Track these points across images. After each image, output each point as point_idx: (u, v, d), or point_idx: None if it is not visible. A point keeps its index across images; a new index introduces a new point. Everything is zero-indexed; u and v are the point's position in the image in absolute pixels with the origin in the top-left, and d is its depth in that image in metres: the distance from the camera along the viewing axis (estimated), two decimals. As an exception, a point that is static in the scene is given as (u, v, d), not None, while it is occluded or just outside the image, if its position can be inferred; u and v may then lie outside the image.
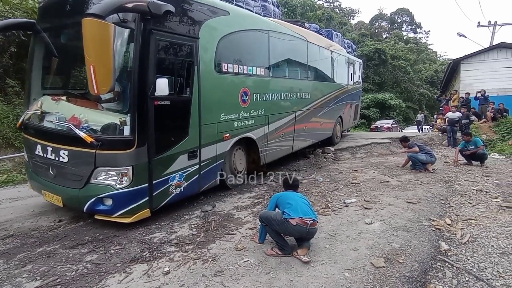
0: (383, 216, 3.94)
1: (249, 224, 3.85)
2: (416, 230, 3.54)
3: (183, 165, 4.15)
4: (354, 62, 11.31)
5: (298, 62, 7.16)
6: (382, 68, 33.67)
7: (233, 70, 4.95)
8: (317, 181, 5.97)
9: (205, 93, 4.34)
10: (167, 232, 3.69)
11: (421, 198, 4.70)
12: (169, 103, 3.80)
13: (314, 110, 7.93)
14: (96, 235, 3.61)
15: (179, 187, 4.14)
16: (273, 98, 6.11)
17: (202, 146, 4.40)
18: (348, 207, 4.35)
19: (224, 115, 4.80)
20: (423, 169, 6.53)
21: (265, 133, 5.95)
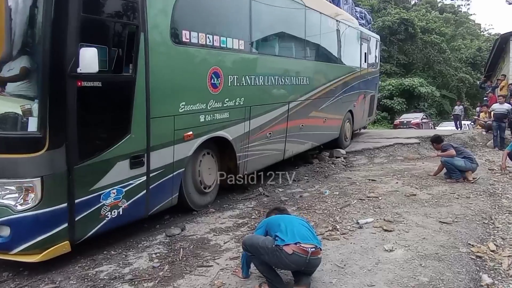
0: (408, 240, 3.98)
1: (230, 252, 3.85)
2: (450, 259, 3.59)
3: (123, 177, 3.85)
4: (368, 38, 11.31)
5: (292, 34, 7.09)
6: (410, 45, 34.21)
7: (198, 41, 4.71)
8: (322, 194, 6.03)
9: (157, 72, 4.08)
10: (118, 264, 3.66)
11: (458, 216, 4.78)
12: (101, 85, 3.51)
13: (315, 102, 7.88)
14: (20, 270, 3.55)
15: (116, 209, 3.82)
16: (257, 83, 5.94)
17: (151, 149, 4.11)
18: (363, 228, 4.39)
19: (184, 105, 4.55)
20: (461, 178, 6.64)
21: (245, 132, 5.78)
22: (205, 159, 5.25)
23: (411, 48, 34.44)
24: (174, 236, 4.34)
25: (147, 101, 3.98)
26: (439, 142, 7.15)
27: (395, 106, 28.84)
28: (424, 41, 34.81)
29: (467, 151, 7.11)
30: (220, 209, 5.41)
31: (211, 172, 5.40)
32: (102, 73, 3.52)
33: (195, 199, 5.13)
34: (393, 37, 33.33)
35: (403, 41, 33.77)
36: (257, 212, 5.23)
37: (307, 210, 5.19)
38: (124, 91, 3.82)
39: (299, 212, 5.10)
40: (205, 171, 5.25)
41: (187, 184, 4.92)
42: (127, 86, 3.82)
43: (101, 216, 3.68)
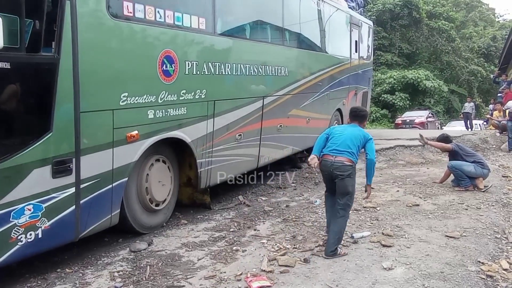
0: (409, 257, 4.08)
1: (205, 270, 3.87)
2: (457, 278, 3.69)
3: (42, 188, 3.46)
4: (360, 24, 11.23)
5: (266, 14, 6.86)
6: (414, 32, 34.63)
7: (145, 16, 4.37)
8: (312, 203, 6.13)
9: (89, 53, 3.74)
10: (74, 284, 3.66)
11: (466, 230, 4.91)
12: (9, 66, 3.15)
13: (295, 97, 7.74)
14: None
15: (33, 230, 3.42)
16: (222, 72, 5.68)
17: (82, 152, 3.74)
18: (358, 244, 4.48)
19: (127, 97, 4.18)
20: (470, 186, 6.81)
21: (208, 133, 5.50)
22: (156, 167, 4.94)
23: (415, 35, 34.81)
24: (140, 252, 4.34)
25: (75, 89, 3.60)
26: (447, 142, 7.31)
27: (397, 103, 29.06)
28: (430, 28, 35.18)
29: (477, 155, 7.29)
30: (194, 221, 5.43)
31: (164, 184, 5.07)
32: (11, 51, 3.20)
33: (141, 218, 4.79)
34: (395, 22, 33.66)
35: (406, 28, 34.13)
36: (237, 224, 5.26)
37: (294, 222, 5.25)
38: (43, 75, 3.52)
39: (285, 225, 5.18)
40: (156, 182, 4.90)
41: (131, 199, 4.59)
42: (46, 69, 3.49)
43: (12, 241, 3.28)
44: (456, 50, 36.45)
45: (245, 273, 3.74)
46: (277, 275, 3.72)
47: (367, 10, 33.11)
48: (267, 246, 4.44)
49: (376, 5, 33.48)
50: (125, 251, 4.39)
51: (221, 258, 4.17)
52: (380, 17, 33.23)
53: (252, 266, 3.91)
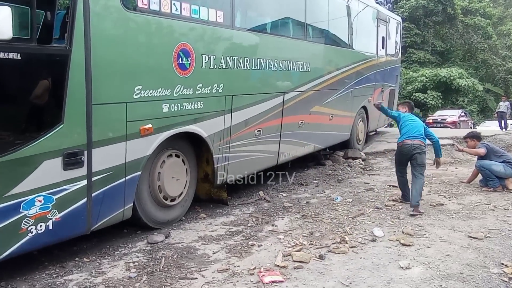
0: (428, 257, 3.99)
1: (219, 264, 3.89)
2: (477, 280, 3.58)
3: (53, 180, 3.41)
4: (387, 20, 11.02)
5: (287, 8, 6.68)
6: (449, 29, 33.91)
7: (160, 8, 4.30)
8: (332, 201, 6.08)
9: (102, 45, 3.68)
10: (91, 273, 3.73)
11: (491, 231, 4.77)
12: (20, 57, 3.10)
13: (318, 94, 7.54)
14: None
15: (44, 222, 3.39)
16: (241, 66, 5.54)
17: (94, 144, 3.69)
18: (376, 241, 4.41)
19: (141, 90, 4.12)
20: (499, 186, 6.62)
21: (226, 128, 5.38)
22: (170, 162, 4.83)
23: (449, 32, 34.08)
24: (157, 244, 4.40)
25: (87, 81, 3.56)
26: (475, 139, 7.14)
27: (429, 101, 28.56)
28: (465, 24, 34.35)
29: (507, 155, 7.05)
30: (213, 215, 5.46)
31: (179, 179, 4.97)
32: (21, 42, 3.22)
33: (153, 213, 4.71)
34: (428, 19, 33.01)
35: (440, 24, 33.45)
36: (255, 219, 5.27)
37: (313, 218, 5.22)
38: (54, 67, 3.46)
39: (304, 221, 5.15)
40: (169, 177, 4.79)
41: (142, 193, 4.51)
42: (58, 60, 3.44)
43: (21, 231, 3.26)
44: (493, 48, 35.49)
45: (258, 268, 3.73)
46: (290, 270, 3.70)
47: (399, 7, 32.68)
48: (283, 241, 4.43)
49: (409, 1, 32.82)
50: (142, 242, 4.45)
51: (236, 252, 4.18)
52: (413, 14, 32.62)
53: (266, 261, 3.91)
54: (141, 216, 4.51)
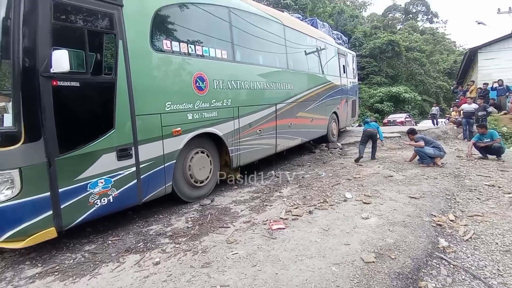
0: (381, 211, 3.85)
1: (244, 218, 3.85)
2: (414, 225, 3.44)
3: (110, 167, 3.34)
4: (345, 54, 10.55)
5: (274, 48, 6.35)
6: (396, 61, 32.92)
7: (180, 50, 4.17)
8: (319, 175, 5.90)
9: (139, 75, 3.59)
10: (164, 224, 3.76)
11: (425, 193, 4.56)
12: (79, 84, 3.07)
13: (300, 104, 7.17)
14: (97, 226, 3.73)
15: (106, 197, 3.30)
16: (242, 86, 5.31)
17: (139, 142, 3.60)
18: (347, 201, 4.27)
19: (171, 105, 3.99)
20: (431, 163, 6.34)
21: (236, 129, 5.14)
22: (198, 157, 4.56)
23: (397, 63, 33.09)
24: (206, 205, 4.40)
25: (130, 100, 3.48)
26: (413, 134, 6.87)
27: (385, 109, 27.93)
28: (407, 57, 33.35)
29: (436, 142, 6.75)
30: (241, 186, 5.42)
31: (204, 168, 4.69)
32: (80, 75, 3.20)
33: (187, 191, 4.46)
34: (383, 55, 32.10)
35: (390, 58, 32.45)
36: (269, 188, 5.19)
37: (306, 187, 5.10)
38: (104, 91, 3.33)
39: (300, 189, 5.03)
40: (197, 167, 4.54)
41: (178, 178, 4.31)
42: (107, 86, 3.33)
43: (89, 204, 3.19)
44: (427, 72, 34.35)
45: (269, 219, 3.69)
46: (290, 221, 3.65)
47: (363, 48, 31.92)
48: (286, 202, 4.35)
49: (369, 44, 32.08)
50: (196, 205, 4.45)
51: (255, 210, 4.13)
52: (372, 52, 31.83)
53: (275, 215, 3.86)
54: (178, 194, 4.32)
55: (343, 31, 28.73)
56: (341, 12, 35.49)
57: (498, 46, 15.21)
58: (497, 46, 15.24)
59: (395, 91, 28.32)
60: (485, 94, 12.50)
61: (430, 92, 33.70)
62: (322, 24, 9.92)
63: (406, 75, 33.94)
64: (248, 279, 2.43)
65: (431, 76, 34.61)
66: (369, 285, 2.35)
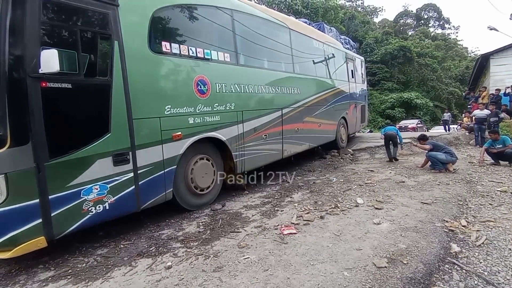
0: (393, 216, 3.80)
1: (255, 222, 3.85)
2: (426, 231, 3.38)
3: (106, 173, 3.15)
4: (354, 59, 10.35)
5: (279, 51, 6.15)
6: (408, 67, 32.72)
7: (180, 52, 3.97)
8: (330, 181, 5.87)
9: (136, 77, 3.39)
10: (175, 229, 3.78)
11: (437, 198, 4.48)
12: (71, 86, 2.88)
13: (308, 109, 6.96)
14: (109, 231, 3.78)
15: (101, 204, 3.13)
16: (247, 90, 5.08)
17: (137, 147, 3.41)
18: (358, 207, 4.23)
19: (170, 108, 3.80)
20: (443, 169, 6.24)
21: (240, 134, 4.92)
22: (200, 163, 4.36)
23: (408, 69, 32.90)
24: (217, 210, 4.41)
25: (127, 103, 3.30)
26: (424, 140, 6.81)
27: (396, 115, 27.67)
28: (419, 63, 33.12)
29: (448, 148, 6.65)
30: (252, 192, 5.42)
31: (207, 175, 4.48)
32: (72, 76, 2.95)
33: (188, 199, 4.27)
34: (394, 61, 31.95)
35: (402, 64, 32.28)
36: (280, 193, 5.17)
37: (317, 192, 5.08)
38: (99, 93, 3.15)
39: (311, 194, 5.00)
40: (199, 174, 4.34)
41: (178, 183, 4.07)
42: (101, 89, 3.15)
43: (83, 211, 3.01)
44: (439, 78, 34.04)
45: (280, 224, 3.68)
46: (301, 226, 3.63)
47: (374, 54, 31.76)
48: (297, 207, 4.33)
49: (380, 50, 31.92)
50: (207, 209, 4.47)
51: (267, 215, 4.13)
52: (384, 58, 31.73)
53: (286, 220, 3.84)
54: (179, 201, 4.14)
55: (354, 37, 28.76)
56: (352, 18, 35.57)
57: (511, 52, 14.93)
58: (509, 51, 14.98)
59: (407, 97, 28.08)
60: (497, 100, 12.28)
61: (442, 98, 33.27)
62: (330, 28, 9.78)
63: (418, 81, 33.64)
64: (260, 283, 2.43)
65: (443, 82, 34.22)
66: (381, 290, 2.32)
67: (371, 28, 39.07)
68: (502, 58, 15.06)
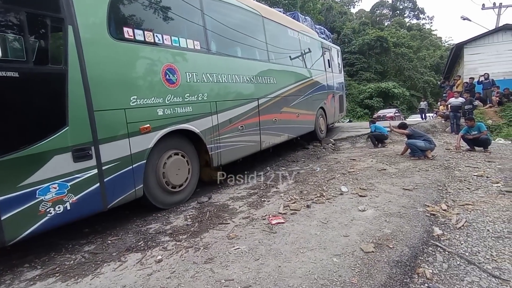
0: (377, 203, 3.93)
1: (243, 214, 3.88)
2: (409, 216, 3.53)
3: (65, 170, 2.89)
4: (329, 48, 10.28)
5: (252, 39, 5.97)
6: (384, 57, 33.42)
7: (144, 38, 3.72)
8: (314, 171, 5.96)
9: (95, 66, 3.15)
10: (162, 223, 3.75)
11: (417, 184, 4.66)
12: (18, 75, 2.61)
13: (285, 99, 6.82)
14: (95, 227, 3.71)
15: (61, 204, 2.87)
16: (220, 80, 4.90)
17: (100, 141, 3.17)
18: (343, 195, 4.34)
19: (136, 99, 3.56)
20: (422, 156, 6.48)
21: (214, 125, 4.75)
22: (173, 159, 4.16)
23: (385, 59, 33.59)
24: (203, 203, 4.40)
25: (86, 94, 3.06)
26: (404, 128, 7.02)
27: (374, 104, 28.28)
28: (396, 53, 33.89)
29: (426, 135, 6.92)
30: (238, 183, 5.44)
31: (182, 172, 4.30)
32: (19, 63, 2.65)
33: (161, 197, 4.06)
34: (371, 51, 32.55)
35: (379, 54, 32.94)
36: (265, 184, 5.22)
37: (302, 182, 5.16)
38: (52, 83, 2.90)
39: (296, 184, 5.08)
40: (173, 170, 4.13)
41: (149, 181, 3.83)
42: (55, 78, 2.90)
43: (40, 213, 2.75)
44: (415, 67, 35.00)
45: (268, 215, 3.72)
46: (288, 215, 3.69)
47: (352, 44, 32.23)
48: (283, 198, 4.40)
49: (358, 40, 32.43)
50: (194, 202, 4.45)
51: (253, 206, 4.16)
52: (361, 48, 32.23)
53: (273, 210, 3.89)
54: (150, 200, 3.93)
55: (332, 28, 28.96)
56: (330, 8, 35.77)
57: (483, 41, 15.60)
58: (482, 41, 15.63)
59: (384, 86, 28.72)
60: (471, 88, 12.82)
61: (418, 87, 34.36)
62: (304, 18, 9.64)
63: (395, 71, 34.50)
64: (252, 273, 2.46)
65: (419, 71, 35.29)
66: (370, 274, 2.41)
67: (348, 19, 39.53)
68: (475, 47, 15.71)
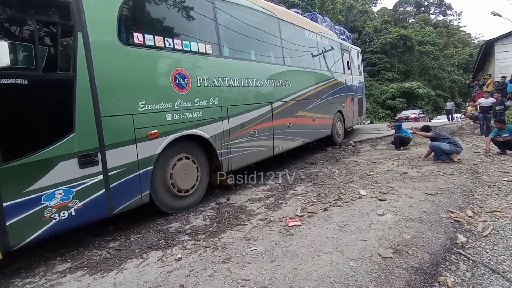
0: (397, 207, 3.85)
1: (260, 215, 3.92)
2: (431, 221, 3.44)
3: (71, 176, 2.91)
4: (349, 49, 10.06)
5: (267, 43, 5.86)
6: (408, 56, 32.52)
7: (154, 43, 3.69)
8: (333, 173, 5.92)
9: (104, 72, 3.16)
10: (182, 222, 3.87)
11: (441, 189, 4.52)
12: (27, 82, 2.65)
13: (300, 103, 6.66)
14: (119, 225, 3.90)
15: (66, 210, 2.88)
16: (232, 84, 4.82)
17: (106, 147, 3.16)
18: (362, 198, 4.28)
19: (145, 104, 3.53)
20: (447, 159, 6.26)
21: (225, 130, 4.67)
22: (181, 163, 4.10)
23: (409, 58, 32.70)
24: (222, 204, 4.49)
25: (94, 100, 3.07)
26: (427, 131, 6.83)
27: (397, 105, 27.64)
28: (420, 52, 32.87)
29: (452, 138, 6.69)
30: (256, 185, 5.48)
31: (190, 176, 4.24)
32: (28, 71, 2.71)
33: (169, 201, 4.02)
34: (394, 50, 31.75)
35: (402, 53, 32.09)
36: (283, 186, 5.24)
37: (320, 185, 5.14)
38: (61, 89, 2.92)
39: (314, 187, 5.06)
40: (180, 175, 4.07)
41: (156, 185, 3.80)
42: (63, 84, 2.93)
43: (45, 218, 2.76)
44: (441, 66, 33.84)
45: (285, 217, 3.75)
46: (306, 218, 3.69)
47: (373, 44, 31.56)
48: (301, 200, 4.40)
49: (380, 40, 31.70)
50: (213, 203, 4.55)
51: (271, 207, 4.19)
52: (383, 48, 31.51)
53: (290, 213, 3.91)
54: (158, 204, 3.91)
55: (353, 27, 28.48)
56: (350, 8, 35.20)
57: (516, 38, 14.85)
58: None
59: (408, 86, 27.96)
60: (503, 87, 12.17)
61: (445, 86, 33.13)
62: (323, 19, 9.50)
63: (419, 70, 33.47)
64: (268, 274, 2.51)
65: (445, 70, 34.05)
66: (387, 280, 2.39)
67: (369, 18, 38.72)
68: (507, 44, 14.96)
